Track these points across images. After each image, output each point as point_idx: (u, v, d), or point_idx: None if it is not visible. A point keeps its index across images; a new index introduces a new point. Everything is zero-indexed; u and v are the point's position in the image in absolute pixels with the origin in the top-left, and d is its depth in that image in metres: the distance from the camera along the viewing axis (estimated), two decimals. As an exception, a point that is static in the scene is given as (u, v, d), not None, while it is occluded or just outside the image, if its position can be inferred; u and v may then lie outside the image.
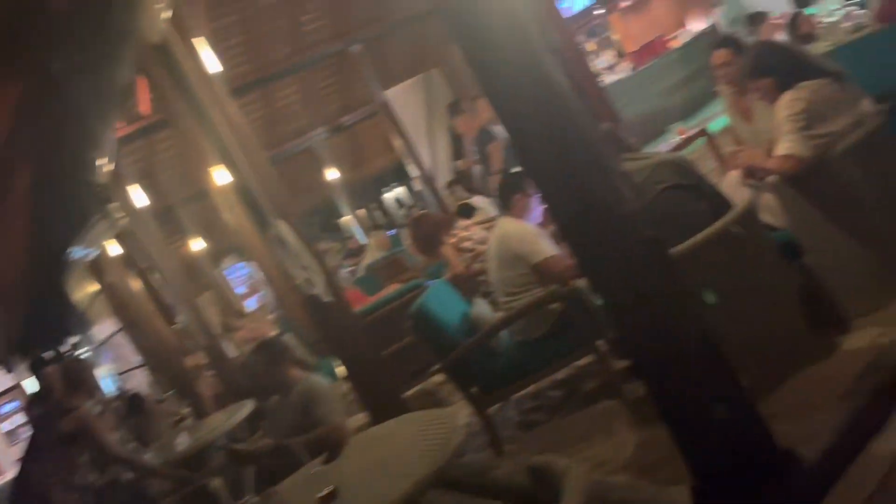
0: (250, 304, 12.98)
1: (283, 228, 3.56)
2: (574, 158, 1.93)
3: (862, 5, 6.90)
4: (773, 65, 3.01)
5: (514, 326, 3.37)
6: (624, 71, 10.20)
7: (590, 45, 11.13)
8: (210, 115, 3.41)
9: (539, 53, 1.90)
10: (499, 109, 1.99)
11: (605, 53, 11.17)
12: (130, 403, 6.00)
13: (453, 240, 4.69)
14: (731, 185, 3.33)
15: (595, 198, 1.95)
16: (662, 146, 6.63)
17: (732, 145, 4.31)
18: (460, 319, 3.57)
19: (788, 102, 2.79)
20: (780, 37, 6.64)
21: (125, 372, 11.13)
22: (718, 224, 2.53)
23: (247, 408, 4.47)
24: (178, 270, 7.17)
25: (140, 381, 10.08)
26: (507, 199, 3.46)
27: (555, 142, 1.92)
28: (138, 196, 6.59)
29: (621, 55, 10.89)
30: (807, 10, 7.31)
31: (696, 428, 1.99)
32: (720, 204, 2.71)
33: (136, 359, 10.28)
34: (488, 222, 4.90)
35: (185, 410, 5.95)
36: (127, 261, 8.06)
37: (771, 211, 2.89)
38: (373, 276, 7.56)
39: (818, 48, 4.87)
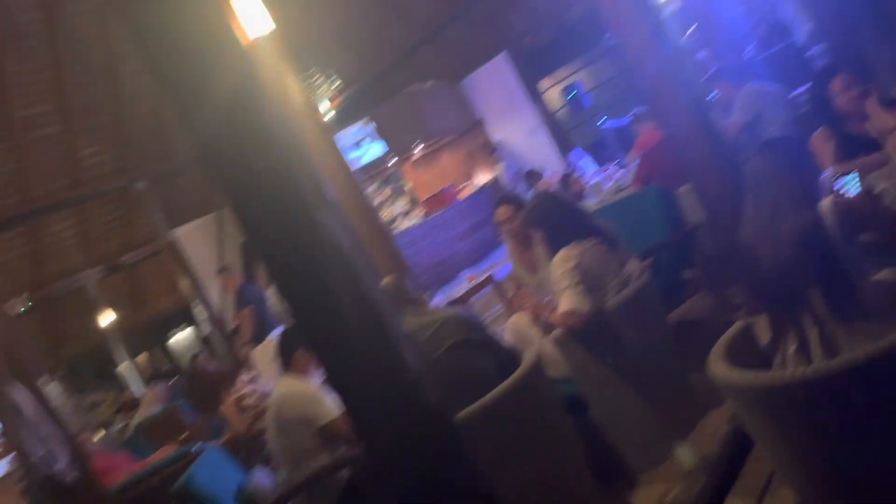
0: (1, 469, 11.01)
1: (19, 394, 2.98)
2: (351, 321, 1.76)
3: (620, 166, 7.80)
4: (545, 217, 3.12)
5: (297, 500, 3.01)
6: (417, 217, 10.58)
7: (385, 193, 11.49)
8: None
9: (312, 206, 1.76)
10: (266, 265, 1.79)
11: (400, 201, 11.57)
12: None
13: (234, 396, 4.26)
14: (516, 329, 3.35)
15: (375, 364, 1.78)
16: (453, 291, 6.77)
17: (516, 290, 4.43)
18: (234, 495, 3.13)
19: (561, 260, 2.89)
20: (555, 193, 7.24)
21: None
22: (506, 383, 2.45)
23: None
24: None
25: None
26: (288, 356, 3.17)
27: (329, 301, 1.75)
28: None
29: (414, 203, 11.34)
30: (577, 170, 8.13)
31: None
32: (507, 360, 2.66)
33: None
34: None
35: None
36: None
37: (556, 364, 2.90)
38: (146, 436, 6.69)
39: (587, 206, 5.31)
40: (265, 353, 5.43)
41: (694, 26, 8.07)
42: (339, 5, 10.42)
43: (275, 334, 5.84)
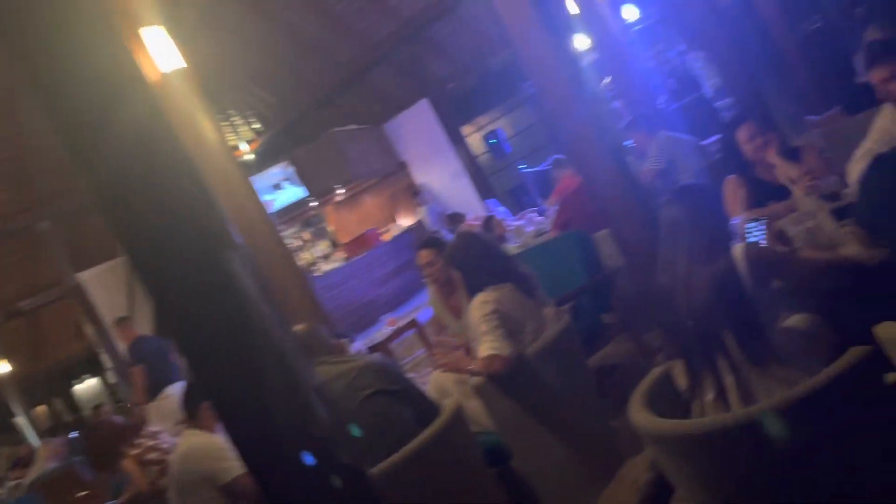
0: None
1: None
2: (257, 374, 1.64)
3: (540, 212, 7.92)
4: (466, 257, 3.07)
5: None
6: (338, 260, 10.42)
7: (305, 235, 11.29)
8: None
9: (216, 250, 1.64)
10: (164, 315, 1.65)
11: (321, 243, 11.39)
12: None
13: (136, 451, 3.97)
14: (439, 387, 3.25)
15: (283, 421, 1.65)
16: (375, 335, 6.64)
17: (438, 335, 4.36)
18: (131, 561, 2.89)
19: (479, 305, 2.83)
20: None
21: None
22: (425, 434, 2.36)
23: None
24: None
25: None
26: (193, 409, 2.97)
27: (233, 354, 1.62)
28: None
29: (336, 245, 11.18)
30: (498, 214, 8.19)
31: None
32: (428, 409, 2.56)
33: None
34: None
35: None
36: None
37: (477, 415, 2.83)
38: (41, 495, 6.19)
39: (509, 250, 5.32)
40: (159, 409, 5.14)
41: (609, 78, 8.36)
42: (258, 47, 10.34)
43: (170, 390, 5.55)
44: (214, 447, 2.87)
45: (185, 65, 3.26)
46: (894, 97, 2.61)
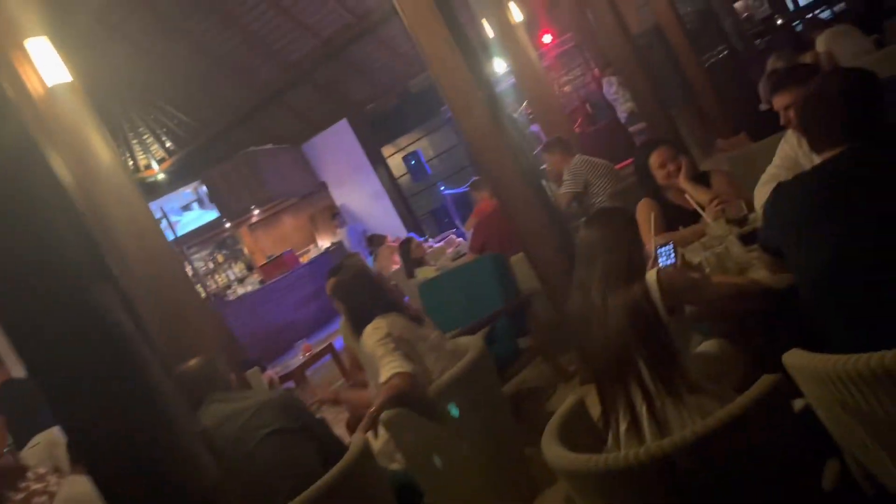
0: None
1: None
2: (132, 421, 1.47)
3: (459, 234, 7.89)
4: (349, 293, 3.01)
5: None
6: (254, 283, 10.10)
7: (219, 257, 10.92)
8: None
9: (83, 282, 1.47)
10: (25, 357, 1.46)
11: (236, 266, 11.03)
12: None
13: (21, 494, 3.64)
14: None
15: (161, 472, 1.49)
16: (290, 362, 6.42)
17: (350, 364, 4.23)
18: None
19: (371, 332, 2.77)
20: (396, 258, 7.16)
21: None
22: (331, 473, 2.21)
23: None
24: None
25: None
26: (76, 452, 2.74)
27: (103, 399, 1.45)
28: None
29: (251, 268, 10.84)
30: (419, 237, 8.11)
31: None
32: (332, 447, 2.42)
33: None
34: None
35: None
36: None
37: (387, 454, 2.70)
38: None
39: (427, 272, 5.24)
40: (31, 457, 4.75)
41: (525, 102, 8.46)
42: (171, 64, 9.98)
43: (40, 437, 5.14)
44: (96, 495, 2.63)
45: (70, 78, 3.03)
46: (795, 123, 2.66)
